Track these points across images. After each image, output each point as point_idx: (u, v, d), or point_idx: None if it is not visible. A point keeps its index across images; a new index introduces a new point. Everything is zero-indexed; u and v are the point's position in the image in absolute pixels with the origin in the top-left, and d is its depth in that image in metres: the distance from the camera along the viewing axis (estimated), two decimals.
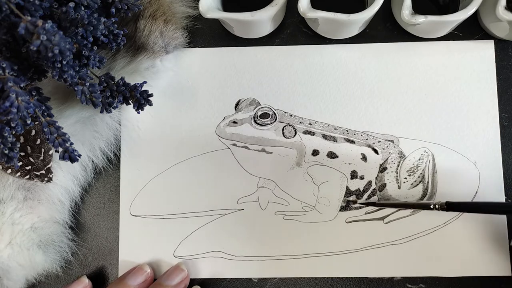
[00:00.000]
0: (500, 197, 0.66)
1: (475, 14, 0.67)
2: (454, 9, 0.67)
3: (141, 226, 0.68)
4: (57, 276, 0.66)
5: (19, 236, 0.61)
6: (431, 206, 0.61)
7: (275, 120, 0.68)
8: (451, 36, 0.68)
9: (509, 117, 0.67)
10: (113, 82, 0.57)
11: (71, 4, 0.49)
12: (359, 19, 0.61)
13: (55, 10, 0.50)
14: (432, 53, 0.69)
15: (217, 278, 0.67)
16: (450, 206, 0.60)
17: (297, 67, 0.69)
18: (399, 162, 0.67)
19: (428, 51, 0.69)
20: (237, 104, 0.69)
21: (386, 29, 0.69)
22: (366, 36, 0.69)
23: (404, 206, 0.64)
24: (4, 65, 0.46)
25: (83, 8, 0.50)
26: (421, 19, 0.60)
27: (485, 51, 0.68)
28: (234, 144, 0.68)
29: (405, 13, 0.61)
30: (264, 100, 0.69)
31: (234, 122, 0.68)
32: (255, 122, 0.68)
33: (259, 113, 0.68)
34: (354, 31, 0.67)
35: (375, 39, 0.69)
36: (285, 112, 0.68)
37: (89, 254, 0.68)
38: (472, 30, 0.69)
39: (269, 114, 0.68)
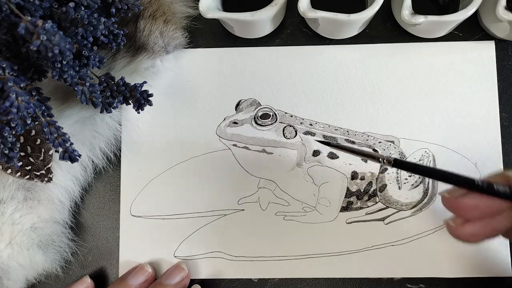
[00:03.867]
0: None
1: (475, 14, 0.67)
2: (454, 9, 0.67)
3: (142, 227, 0.68)
4: (57, 276, 0.66)
5: (19, 236, 0.61)
6: (380, 159, 0.57)
7: (276, 121, 0.68)
8: (451, 36, 0.68)
9: (509, 117, 0.67)
10: (113, 82, 0.57)
11: (71, 4, 0.49)
12: (359, 19, 0.61)
13: (55, 10, 0.50)
14: (433, 54, 0.69)
15: (217, 279, 0.67)
16: (396, 163, 0.56)
17: (297, 68, 0.69)
18: None
19: (428, 51, 0.69)
20: (237, 105, 0.69)
21: (386, 29, 0.69)
22: (366, 36, 0.69)
23: (355, 152, 0.60)
24: (4, 65, 0.46)
25: (83, 8, 0.50)
26: (421, 19, 0.60)
27: (486, 51, 0.68)
28: (234, 145, 0.68)
29: (405, 13, 0.61)
30: (264, 100, 0.69)
31: (235, 123, 0.68)
32: (256, 122, 0.68)
33: (259, 114, 0.68)
34: (354, 31, 0.67)
35: (375, 39, 0.69)
36: (286, 113, 0.69)
37: (89, 254, 0.68)
38: (472, 30, 0.68)
39: (270, 115, 0.68)
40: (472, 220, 0.50)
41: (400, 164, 0.56)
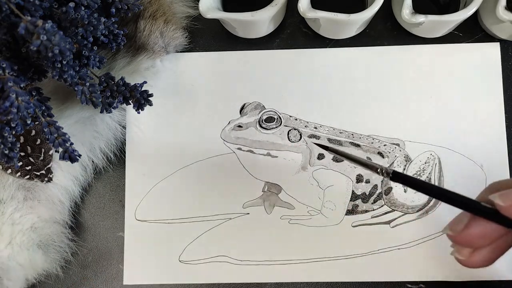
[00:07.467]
0: None
1: (475, 14, 0.67)
2: (455, 9, 0.66)
3: (147, 231, 0.68)
4: (57, 276, 0.66)
5: (19, 236, 0.61)
6: (378, 170, 0.52)
7: (280, 124, 0.68)
8: (451, 36, 0.68)
9: None
10: (113, 82, 0.57)
11: (71, 4, 0.49)
12: (359, 19, 0.61)
13: (55, 10, 0.50)
14: (438, 56, 0.68)
15: (222, 283, 0.67)
16: (395, 175, 0.50)
17: (302, 71, 0.69)
18: (405, 165, 0.67)
19: (434, 53, 0.68)
20: (242, 108, 0.69)
21: (386, 29, 0.69)
22: (366, 36, 0.69)
23: (355, 160, 0.56)
24: (4, 65, 0.46)
25: (83, 8, 0.50)
26: (421, 18, 0.60)
27: (490, 53, 0.68)
28: (239, 148, 0.68)
29: (406, 12, 0.60)
30: (269, 104, 0.69)
31: (239, 126, 0.68)
32: (260, 126, 0.68)
33: (264, 117, 0.68)
34: (354, 31, 0.67)
35: (375, 39, 0.69)
36: (290, 116, 0.68)
37: (89, 254, 0.68)
38: (472, 30, 0.68)
39: (274, 118, 0.68)
40: (479, 248, 0.47)
41: (399, 177, 0.50)
